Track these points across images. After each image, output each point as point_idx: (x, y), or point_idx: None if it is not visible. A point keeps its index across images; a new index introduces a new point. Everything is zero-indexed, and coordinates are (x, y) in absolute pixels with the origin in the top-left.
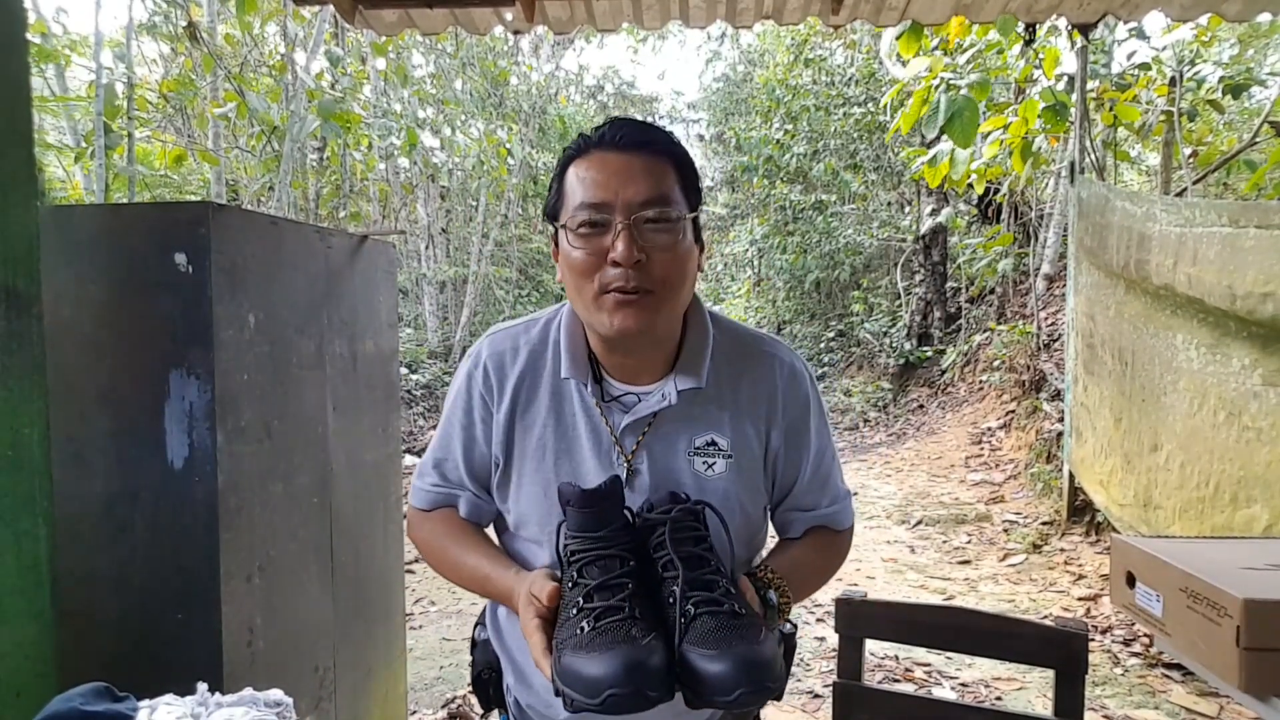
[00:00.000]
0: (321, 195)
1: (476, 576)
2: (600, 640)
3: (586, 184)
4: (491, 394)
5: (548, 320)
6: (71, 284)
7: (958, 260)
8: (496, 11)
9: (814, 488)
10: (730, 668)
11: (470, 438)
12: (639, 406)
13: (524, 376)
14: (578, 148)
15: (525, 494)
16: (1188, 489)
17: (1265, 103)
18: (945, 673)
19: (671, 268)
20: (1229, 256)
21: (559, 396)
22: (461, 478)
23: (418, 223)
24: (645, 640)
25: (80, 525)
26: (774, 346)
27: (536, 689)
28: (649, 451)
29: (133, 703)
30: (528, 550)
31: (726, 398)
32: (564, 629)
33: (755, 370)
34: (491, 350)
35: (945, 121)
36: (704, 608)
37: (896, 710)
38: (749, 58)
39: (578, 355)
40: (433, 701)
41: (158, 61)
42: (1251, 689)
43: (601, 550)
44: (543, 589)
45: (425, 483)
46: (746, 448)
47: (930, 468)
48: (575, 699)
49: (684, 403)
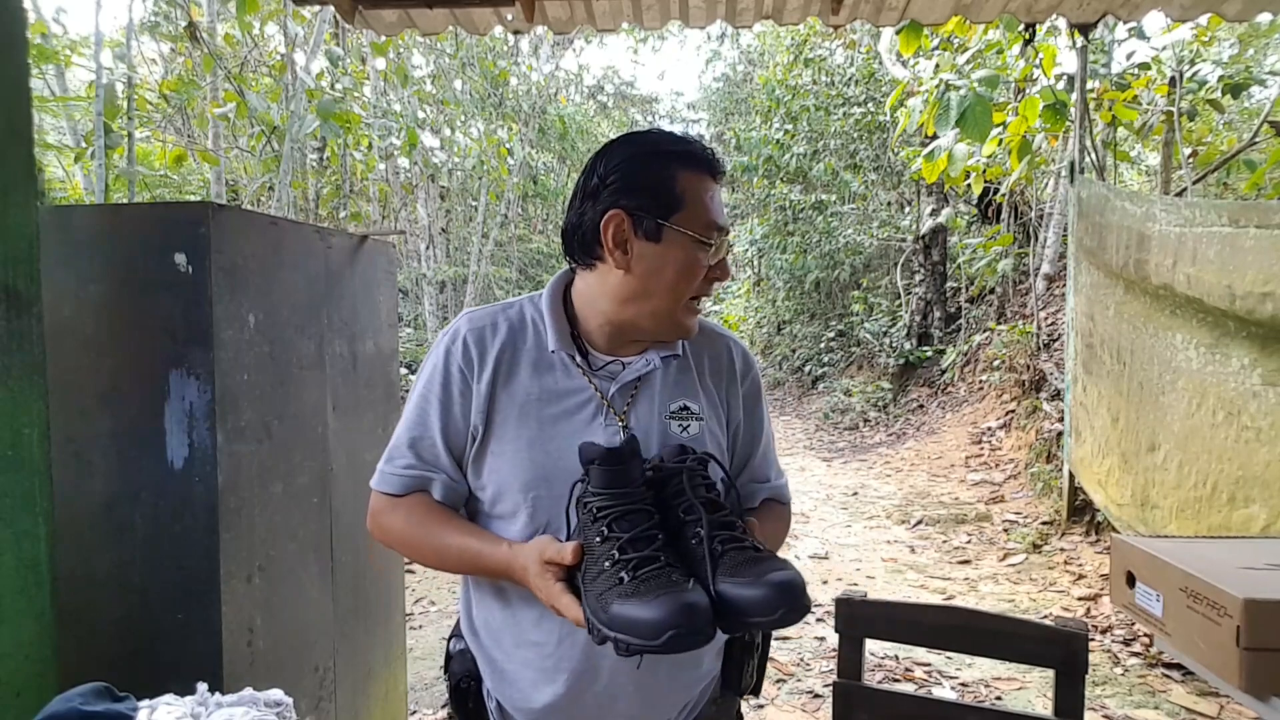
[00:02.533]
0: (321, 195)
1: (466, 555)
2: (647, 587)
3: (714, 207)
4: (472, 366)
5: (523, 303)
6: (71, 284)
7: (958, 260)
8: (496, 11)
9: (766, 462)
10: (769, 591)
11: (448, 412)
12: (625, 373)
13: (504, 348)
14: (694, 162)
15: (507, 461)
16: (1185, 489)
17: (1265, 103)
18: (945, 673)
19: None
20: (1229, 256)
21: (540, 367)
22: (438, 456)
23: (418, 223)
24: (688, 584)
25: (80, 525)
26: (726, 332)
27: (519, 684)
28: (635, 414)
29: (133, 703)
30: (500, 528)
31: (694, 369)
32: (599, 581)
33: (714, 347)
34: (471, 325)
35: (958, 119)
36: (729, 545)
37: (896, 710)
38: (749, 58)
39: (563, 331)
40: (433, 701)
41: (158, 61)
42: (1251, 689)
43: (629, 505)
44: (561, 551)
45: (396, 466)
46: (714, 414)
47: (930, 468)
48: (633, 643)
49: (663, 371)
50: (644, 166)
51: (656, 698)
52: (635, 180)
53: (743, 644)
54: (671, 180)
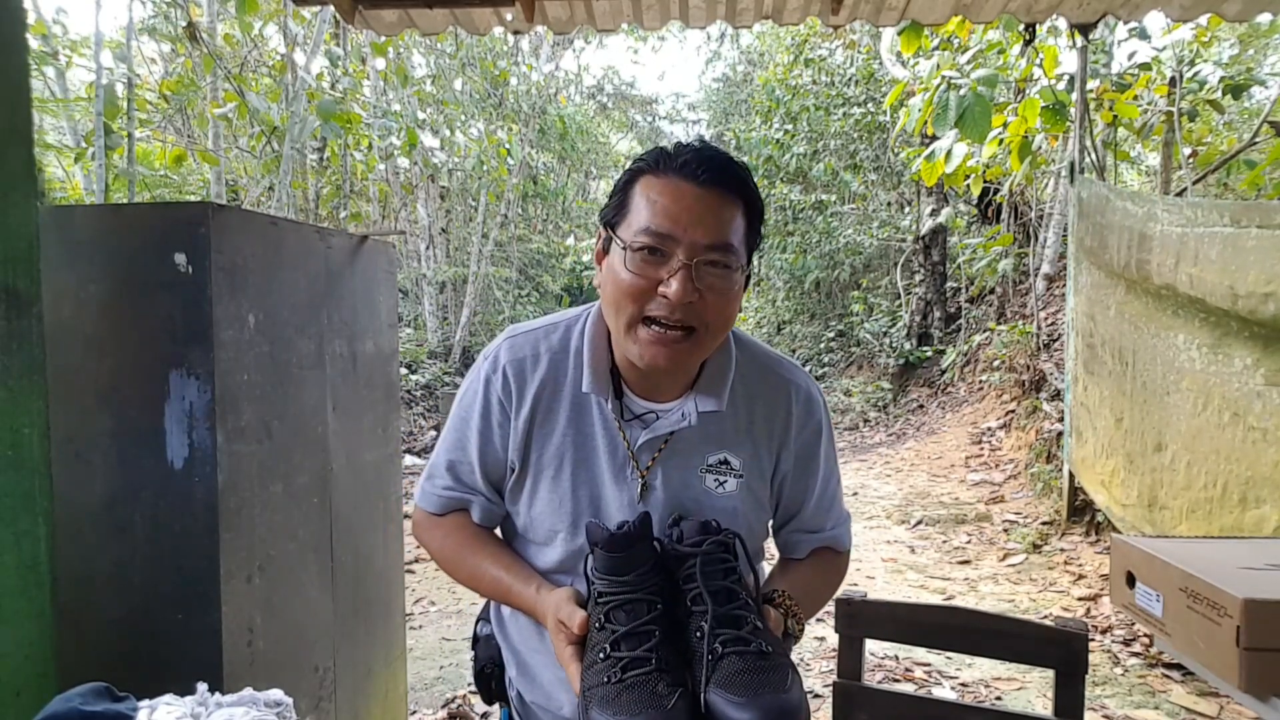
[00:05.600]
0: (321, 195)
1: (499, 589)
2: (627, 696)
3: (656, 210)
4: (511, 400)
5: (569, 325)
6: (71, 284)
7: (958, 260)
8: (496, 11)
9: (820, 510)
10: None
11: (487, 441)
12: (658, 424)
13: (545, 385)
14: (654, 163)
15: (539, 501)
16: (1195, 489)
17: (1265, 103)
18: (945, 673)
19: (719, 311)
20: (1230, 256)
21: (579, 408)
22: (476, 482)
23: (418, 223)
24: (671, 699)
25: (80, 525)
26: (791, 372)
27: (541, 684)
28: (663, 468)
29: (133, 703)
30: (534, 552)
31: (742, 418)
32: (590, 674)
33: (772, 394)
34: (511, 356)
35: (957, 119)
36: (731, 647)
37: (896, 710)
38: (749, 58)
39: (599, 370)
40: (433, 701)
41: (157, 61)
42: (1251, 689)
43: (629, 595)
44: (572, 617)
45: (437, 486)
46: (757, 467)
47: (930, 468)
48: None
49: (701, 423)
50: (620, 179)
51: None
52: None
53: None
54: (627, 192)
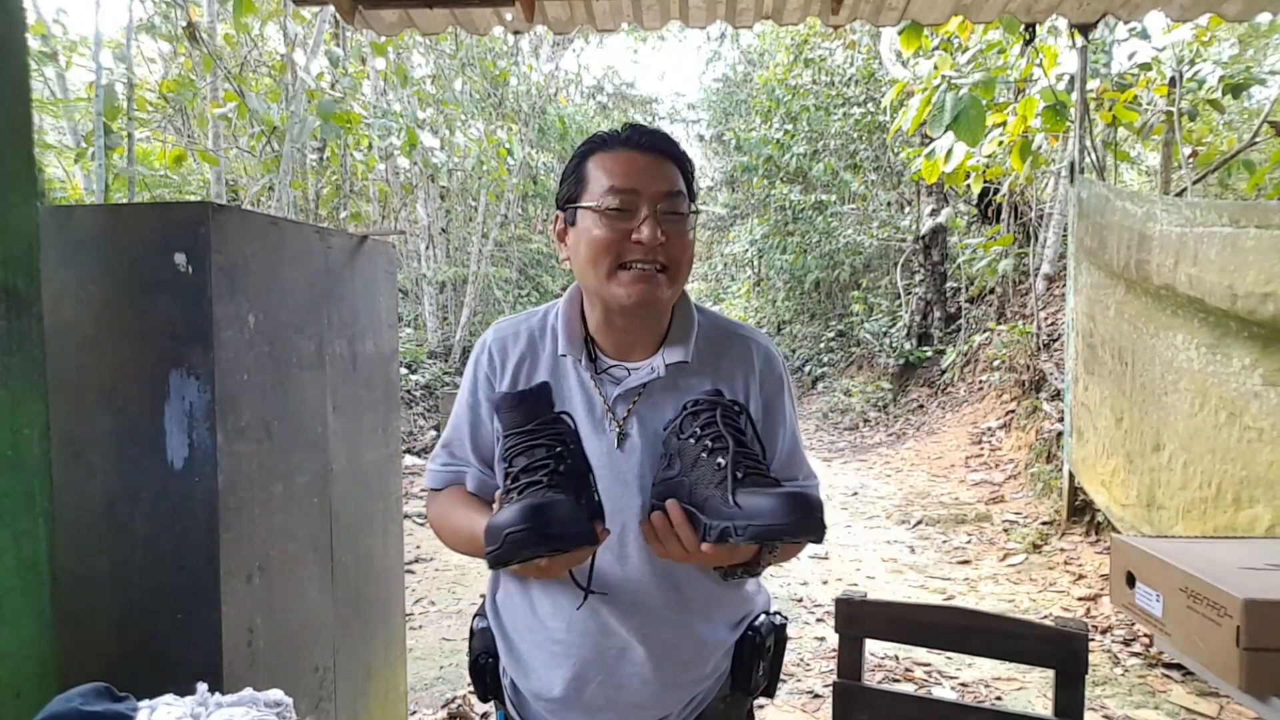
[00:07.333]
0: (321, 195)
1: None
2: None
3: (615, 173)
4: (495, 373)
5: (547, 309)
6: (71, 284)
7: (958, 260)
8: (496, 11)
9: (790, 463)
10: (784, 499)
11: (476, 417)
12: (629, 379)
13: (524, 356)
14: (600, 142)
15: None
16: (1190, 489)
17: (1265, 103)
18: (945, 673)
19: (684, 250)
20: (1230, 256)
21: (557, 372)
22: (468, 454)
23: (418, 223)
24: (550, 493)
25: (80, 525)
26: (751, 332)
27: (533, 667)
28: (639, 418)
29: (133, 703)
30: None
31: (709, 369)
32: None
33: (734, 350)
34: (496, 336)
35: (951, 120)
36: (752, 470)
37: (896, 710)
38: (749, 58)
39: (574, 335)
40: (433, 701)
41: (157, 61)
42: (1251, 689)
43: (530, 441)
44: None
45: (437, 464)
46: None
47: (930, 468)
48: (488, 551)
49: (671, 375)
50: (570, 165)
51: (662, 691)
52: (562, 179)
53: (752, 645)
54: (582, 167)
